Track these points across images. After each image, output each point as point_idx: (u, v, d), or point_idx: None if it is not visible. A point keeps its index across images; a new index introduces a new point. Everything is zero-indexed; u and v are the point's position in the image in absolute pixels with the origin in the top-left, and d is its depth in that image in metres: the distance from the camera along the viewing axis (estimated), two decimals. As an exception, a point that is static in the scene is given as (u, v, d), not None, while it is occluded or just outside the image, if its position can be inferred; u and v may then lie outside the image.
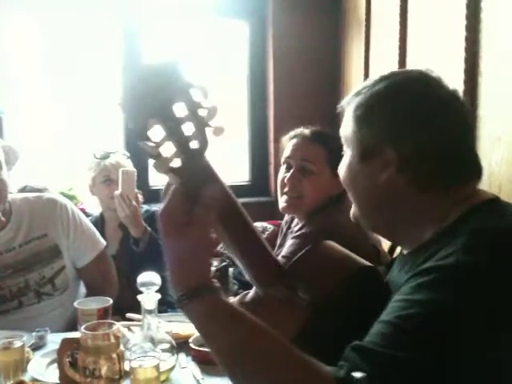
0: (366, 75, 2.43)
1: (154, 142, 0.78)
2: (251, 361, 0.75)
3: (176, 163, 0.80)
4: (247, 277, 1.06)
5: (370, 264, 1.01)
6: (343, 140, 0.96)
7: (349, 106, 0.94)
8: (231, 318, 0.78)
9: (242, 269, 1.05)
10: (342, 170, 0.96)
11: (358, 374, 0.67)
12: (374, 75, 0.95)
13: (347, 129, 0.94)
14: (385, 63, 2.24)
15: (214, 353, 0.79)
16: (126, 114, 0.79)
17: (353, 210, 0.99)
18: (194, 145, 0.80)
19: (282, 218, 1.92)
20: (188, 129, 0.80)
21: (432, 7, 1.95)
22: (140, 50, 2.84)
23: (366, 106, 0.90)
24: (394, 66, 2.13)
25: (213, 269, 2.40)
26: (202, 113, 0.80)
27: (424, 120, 0.86)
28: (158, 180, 2.98)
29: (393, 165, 0.87)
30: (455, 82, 1.74)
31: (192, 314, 0.78)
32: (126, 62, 2.74)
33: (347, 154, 0.95)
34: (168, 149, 0.80)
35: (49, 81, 2.83)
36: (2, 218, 1.61)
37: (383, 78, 0.91)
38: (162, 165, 0.78)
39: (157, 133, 0.79)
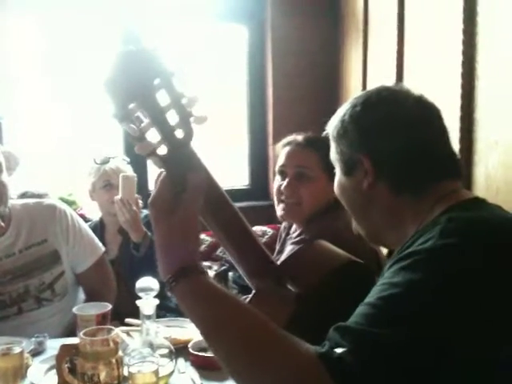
0: (365, 79, 2.44)
1: (138, 127, 0.81)
2: (235, 337, 0.78)
3: (161, 151, 0.83)
4: (239, 270, 1.07)
5: (359, 260, 1.06)
6: (332, 162, 1.04)
7: (330, 132, 1.03)
8: (215, 297, 0.81)
9: (233, 262, 1.06)
10: (335, 187, 1.04)
11: (338, 350, 0.71)
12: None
13: (332, 150, 1.03)
14: (383, 67, 2.25)
15: (201, 332, 0.81)
16: (108, 98, 0.81)
17: (353, 223, 1.05)
18: (179, 134, 0.83)
19: (281, 223, 1.92)
20: (171, 117, 0.82)
21: (429, 11, 1.96)
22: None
23: (340, 125, 0.99)
24: (391, 70, 2.14)
25: (212, 273, 2.41)
26: (184, 101, 0.82)
27: (389, 127, 0.94)
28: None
29: (370, 173, 0.94)
30: (452, 85, 1.77)
31: (178, 295, 0.82)
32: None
33: (336, 173, 1.04)
34: (153, 135, 0.82)
35: (49, 84, 2.84)
36: (2, 224, 1.61)
37: (351, 101, 1.00)
38: (145, 148, 0.82)
39: (140, 118, 0.82)
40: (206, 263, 2.70)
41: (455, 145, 1.00)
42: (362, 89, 2.45)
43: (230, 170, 3.06)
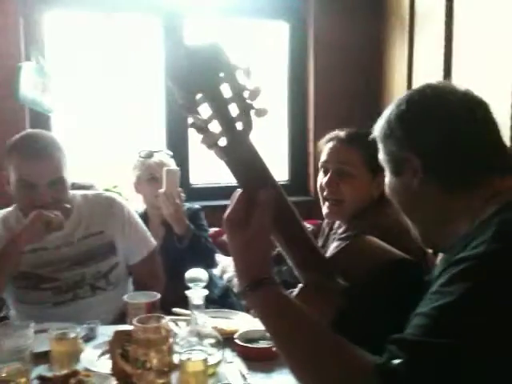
0: (410, 76, 2.41)
1: (202, 118, 0.85)
2: (301, 345, 0.85)
3: (222, 142, 0.87)
4: (289, 262, 1.08)
5: (409, 257, 1.05)
6: (382, 164, 1.05)
7: (376, 134, 1.04)
8: (285, 307, 0.88)
9: (284, 254, 1.07)
10: (386, 188, 1.05)
11: (395, 361, 0.73)
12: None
13: (380, 151, 1.04)
14: (429, 63, 2.22)
15: (272, 338, 0.89)
16: (175, 90, 0.85)
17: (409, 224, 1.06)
18: (239, 126, 0.86)
19: (320, 218, 1.92)
20: (233, 110, 0.85)
21: (479, 5, 1.91)
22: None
23: (387, 125, 1.00)
24: (438, 67, 2.11)
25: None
26: (246, 95, 0.85)
27: (434, 123, 0.94)
28: (198, 178, 3.03)
29: (420, 171, 0.94)
30: (504, 83, 1.72)
31: (253, 304, 0.91)
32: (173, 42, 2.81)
33: (386, 174, 1.04)
34: (215, 126, 0.86)
35: (94, 79, 2.91)
36: (68, 205, 1.68)
37: (396, 101, 1.01)
38: (209, 140, 0.86)
39: (205, 110, 0.86)
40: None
41: (507, 142, 0.98)
42: (407, 86, 2.43)
43: (269, 166, 3.06)
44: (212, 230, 2.42)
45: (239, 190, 0.94)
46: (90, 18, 2.87)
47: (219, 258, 2.46)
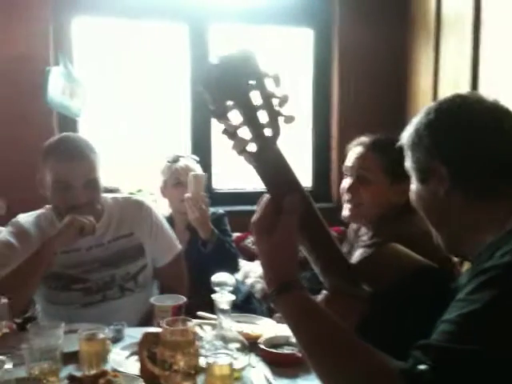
0: (435, 84, 2.39)
1: (232, 124, 0.87)
2: (328, 350, 0.86)
3: (251, 147, 0.89)
4: (315, 268, 1.09)
5: (435, 265, 1.06)
6: (408, 172, 1.06)
7: (404, 142, 1.05)
8: (312, 311, 0.90)
9: (310, 260, 1.08)
10: (412, 195, 1.06)
11: (420, 366, 0.74)
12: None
13: (407, 159, 1.05)
14: (455, 71, 2.21)
15: (298, 341, 0.90)
16: (207, 96, 0.87)
17: (433, 233, 1.07)
18: (267, 132, 0.88)
19: (343, 225, 1.93)
20: (262, 116, 0.88)
21: (510, 10, 1.89)
22: (207, 57, 2.93)
23: (415, 133, 1.01)
24: (465, 75, 2.09)
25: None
26: (274, 102, 0.87)
27: (462, 133, 0.95)
28: (221, 184, 3.06)
29: (446, 179, 0.95)
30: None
31: (280, 307, 0.92)
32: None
33: (412, 182, 1.05)
34: (245, 133, 0.89)
35: (121, 85, 2.96)
36: (100, 207, 1.74)
37: (425, 109, 1.02)
38: (238, 145, 0.88)
39: (235, 116, 0.88)
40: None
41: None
42: (432, 94, 2.41)
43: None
44: (234, 235, 2.43)
45: (267, 196, 0.95)
46: (117, 24, 2.91)
47: (241, 263, 2.48)
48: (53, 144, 1.71)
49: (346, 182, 1.70)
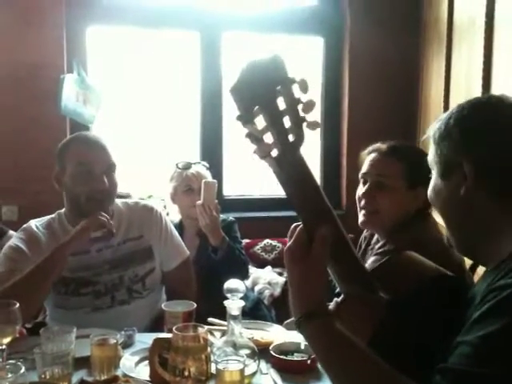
0: (447, 91, 2.38)
1: (257, 129, 0.88)
2: (353, 377, 0.87)
3: (274, 153, 0.89)
4: (331, 274, 1.09)
5: (450, 273, 1.05)
6: (430, 165, 1.04)
7: (431, 134, 1.03)
8: (338, 339, 0.90)
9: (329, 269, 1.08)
10: (429, 190, 1.04)
11: None
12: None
13: (430, 153, 1.02)
14: (467, 79, 2.19)
15: (324, 368, 0.93)
16: (235, 101, 0.88)
17: (445, 231, 1.05)
18: (291, 138, 0.88)
19: (352, 232, 1.91)
20: (286, 122, 0.88)
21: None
22: (218, 65, 2.95)
23: (444, 127, 0.98)
24: (477, 83, 2.09)
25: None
26: (300, 108, 0.87)
27: (494, 132, 0.93)
28: (231, 190, 3.07)
29: (471, 178, 0.92)
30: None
31: (306, 334, 0.93)
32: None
33: (433, 176, 1.03)
34: (268, 138, 0.89)
35: (132, 91, 2.99)
36: (111, 210, 1.79)
37: (458, 105, 1.00)
38: (262, 150, 0.88)
39: (259, 121, 0.89)
40: (277, 269, 2.74)
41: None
42: (443, 101, 2.40)
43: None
44: (244, 241, 2.44)
45: (299, 224, 0.96)
46: (130, 32, 2.95)
47: (251, 269, 2.48)
48: (71, 137, 1.83)
49: (362, 189, 1.68)
